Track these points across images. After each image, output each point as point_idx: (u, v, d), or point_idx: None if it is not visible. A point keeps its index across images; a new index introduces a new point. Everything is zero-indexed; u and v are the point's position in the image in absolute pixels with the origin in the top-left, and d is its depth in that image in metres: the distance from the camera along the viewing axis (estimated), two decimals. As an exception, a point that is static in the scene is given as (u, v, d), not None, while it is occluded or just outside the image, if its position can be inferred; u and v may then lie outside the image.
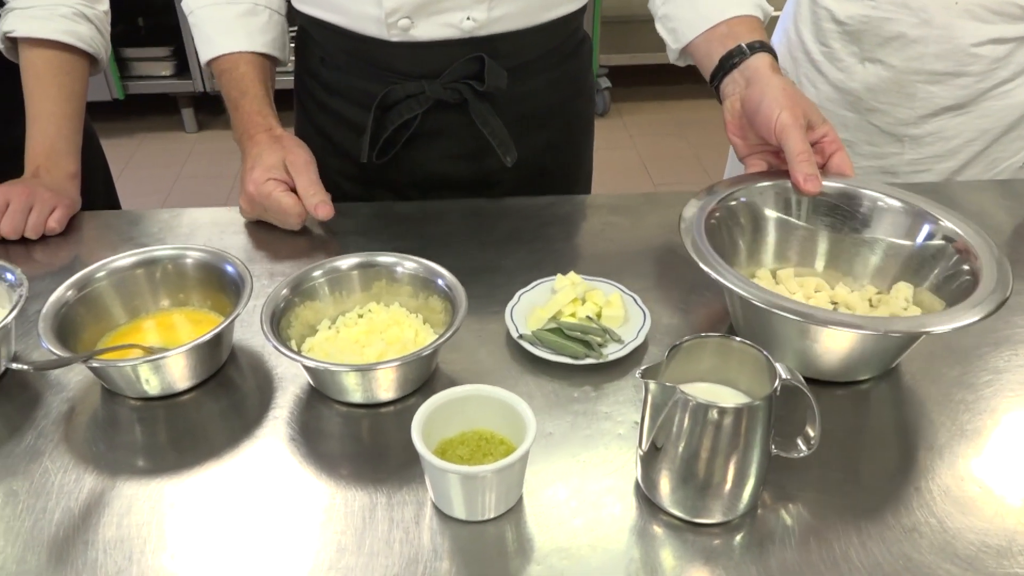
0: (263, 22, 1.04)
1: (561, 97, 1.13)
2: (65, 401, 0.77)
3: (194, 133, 3.35)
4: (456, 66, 1.00)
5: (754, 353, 0.64)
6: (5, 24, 1.04)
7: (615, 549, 0.64)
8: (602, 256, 0.97)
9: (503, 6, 0.98)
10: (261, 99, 1.01)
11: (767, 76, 0.92)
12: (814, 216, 0.86)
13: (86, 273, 0.80)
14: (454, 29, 0.98)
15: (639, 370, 0.63)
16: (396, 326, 0.81)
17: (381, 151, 1.05)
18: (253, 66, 1.03)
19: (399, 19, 0.97)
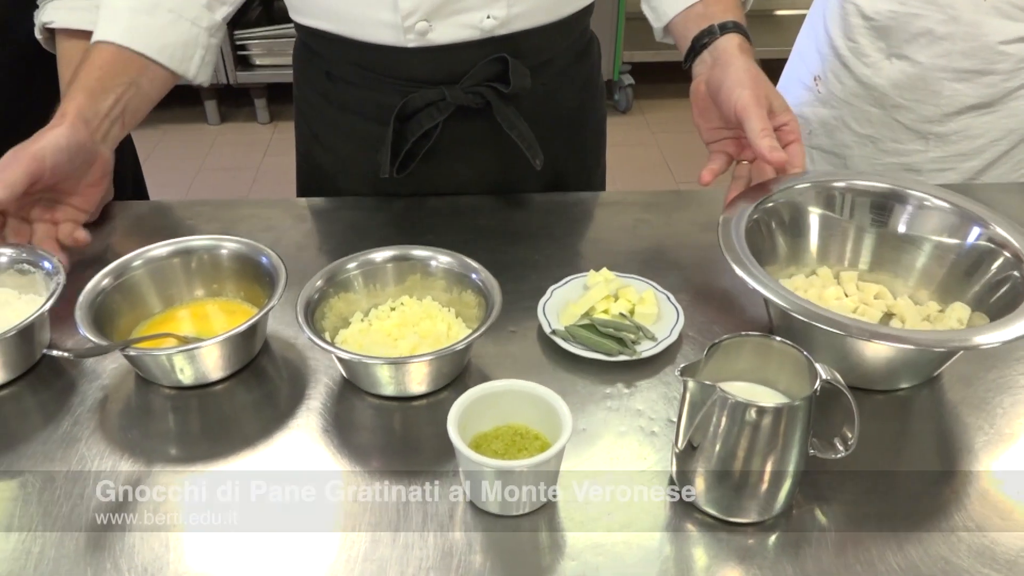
0: (158, 25, 0.95)
1: (578, 98, 1.11)
2: (100, 389, 0.78)
3: (216, 125, 3.36)
4: (477, 68, 0.96)
5: (794, 353, 0.63)
6: (44, 15, 1.04)
7: (649, 546, 0.64)
8: (634, 253, 0.97)
9: (524, 2, 0.95)
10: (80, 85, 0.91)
11: (733, 56, 0.91)
12: (858, 215, 0.85)
13: (123, 261, 0.81)
14: (474, 29, 0.94)
15: (678, 368, 0.63)
16: (429, 320, 0.81)
17: (401, 165, 1.00)
18: (111, 61, 0.93)
19: (416, 22, 0.92)
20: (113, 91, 0.92)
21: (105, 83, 0.92)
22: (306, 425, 0.74)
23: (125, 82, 0.93)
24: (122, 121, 0.95)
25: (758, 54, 3.65)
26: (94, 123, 0.90)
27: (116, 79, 0.93)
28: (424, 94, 0.97)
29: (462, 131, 1.01)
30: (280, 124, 3.36)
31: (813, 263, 0.86)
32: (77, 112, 0.88)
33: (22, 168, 0.83)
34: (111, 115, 0.93)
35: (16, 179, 0.82)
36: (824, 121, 1.30)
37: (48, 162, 0.85)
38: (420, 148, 0.99)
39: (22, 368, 0.78)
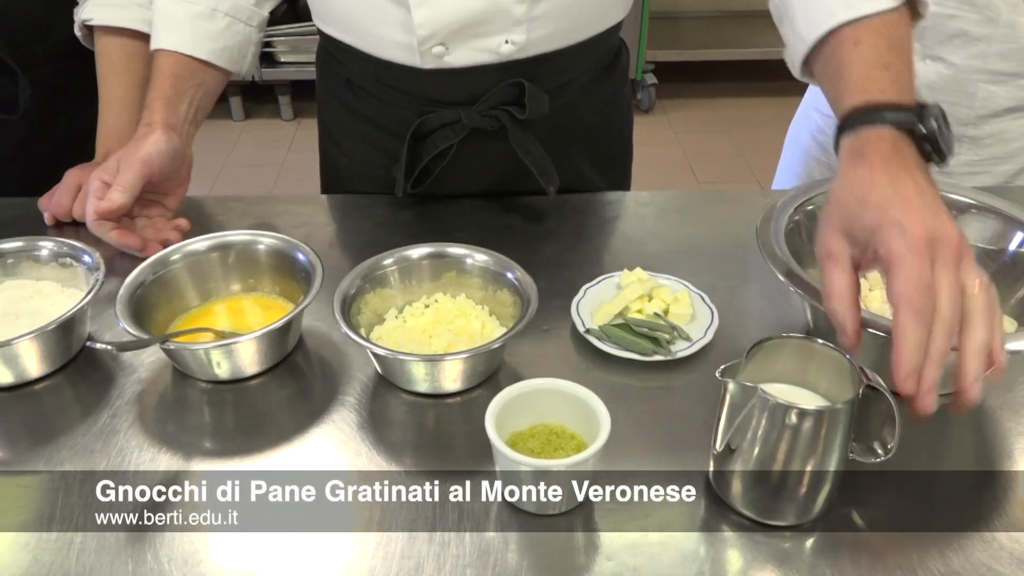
0: (217, 29, 0.99)
1: (602, 112, 1.08)
2: (137, 382, 0.79)
3: (241, 121, 3.39)
4: (494, 92, 0.93)
5: (836, 356, 0.63)
6: (84, 12, 1.06)
7: (685, 548, 0.64)
8: (666, 253, 0.96)
9: (544, 27, 0.91)
10: (157, 95, 0.96)
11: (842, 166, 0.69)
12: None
13: (162, 255, 0.82)
14: (491, 54, 0.91)
15: (715, 368, 0.62)
16: (463, 317, 0.81)
17: (415, 181, 0.99)
18: (179, 67, 0.98)
19: (433, 46, 0.90)
20: (186, 96, 0.98)
21: (179, 89, 0.98)
22: (341, 421, 0.75)
23: (195, 84, 0.99)
24: (196, 120, 1.01)
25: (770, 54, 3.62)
26: (178, 127, 0.97)
27: (187, 83, 0.98)
28: (440, 115, 0.96)
29: (477, 151, 0.99)
30: (304, 121, 3.37)
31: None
32: (163, 120, 0.95)
33: (136, 172, 0.90)
34: (188, 117, 0.99)
35: (134, 182, 0.90)
36: (856, 122, 1.29)
37: (155, 165, 0.92)
38: (435, 166, 0.99)
39: (61, 361, 0.79)
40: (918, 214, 0.61)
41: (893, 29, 0.72)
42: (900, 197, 0.62)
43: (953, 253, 0.60)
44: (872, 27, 0.72)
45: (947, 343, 0.59)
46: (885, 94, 0.68)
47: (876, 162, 0.65)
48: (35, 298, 0.82)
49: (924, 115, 0.67)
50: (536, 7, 0.89)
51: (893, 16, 0.73)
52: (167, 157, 0.93)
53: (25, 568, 0.62)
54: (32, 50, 1.10)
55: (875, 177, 0.64)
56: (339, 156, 1.11)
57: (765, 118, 3.28)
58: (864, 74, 0.71)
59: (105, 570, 0.62)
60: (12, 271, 0.84)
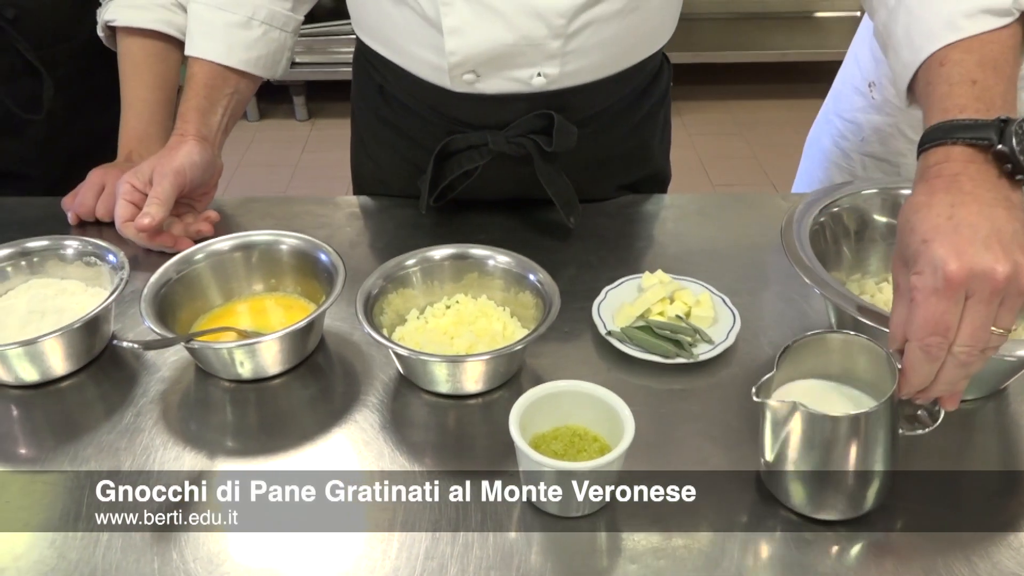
0: (253, 38, 1.00)
1: (634, 137, 1.05)
2: (161, 381, 0.79)
3: (255, 121, 3.39)
4: (522, 121, 0.92)
5: (865, 344, 0.63)
6: (107, 13, 1.07)
7: (709, 551, 0.64)
8: (687, 255, 0.96)
9: (577, 60, 0.89)
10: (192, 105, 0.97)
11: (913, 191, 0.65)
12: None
13: (186, 255, 0.82)
14: (522, 84, 0.90)
15: (754, 388, 0.62)
16: (484, 318, 0.81)
17: (438, 196, 0.99)
18: (213, 76, 0.99)
19: (463, 73, 0.89)
20: (220, 104, 1.00)
21: (212, 99, 0.99)
22: (363, 421, 0.75)
23: (228, 93, 1.01)
24: (227, 129, 1.02)
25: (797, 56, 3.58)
26: (211, 138, 0.98)
27: (220, 92, 1.00)
28: (467, 137, 0.95)
29: (502, 173, 0.97)
30: (318, 121, 3.38)
31: (879, 270, 0.85)
32: (196, 132, 0.96)
33: (170, 183, 0.92)
34: (220, 127, 1.00)
35: (170, 195, 0.92)
36: (877, 128, 1.28)
37: (188, 176, 0.94)
38: (459, 183, 0.98)
39: (86, 359, 0.79)
40: (961, 248, 0.58)
41: (989, 44, 0.68)
42: (950, 227, 0.59)
43: (991, 289, 0.57)
44: (965, 44, 0.68)
45: (956, 374, 0.60)
46: (964, 111, 0.64)
47: (938, 186, 0.62)
48: (60, 297, 0.82)
49: (1006, 131, 0.61)
50: (571, 42, 0.87)
51: (994, 33, 0.68)
52: (200, 168, 0.95)
53: (52, 565, 0.62)
54: (56, 51, 1.11)
55: (932, 202, 0.61)
56: (367, 160, 1.12)
57: (780, 120, 3.27)
58: (947, 92, 0.67)
59: (131, 568, 0.62)
60: (38, 269, 0.84)
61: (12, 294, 0.83)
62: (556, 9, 0.84)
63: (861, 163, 1.27)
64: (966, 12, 0.68)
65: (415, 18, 0.88)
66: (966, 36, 0.68)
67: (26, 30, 1.08)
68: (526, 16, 0.84)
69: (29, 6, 1.07)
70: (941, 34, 0.69)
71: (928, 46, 0.70)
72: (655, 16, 0.93)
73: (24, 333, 0.77)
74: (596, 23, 0.87)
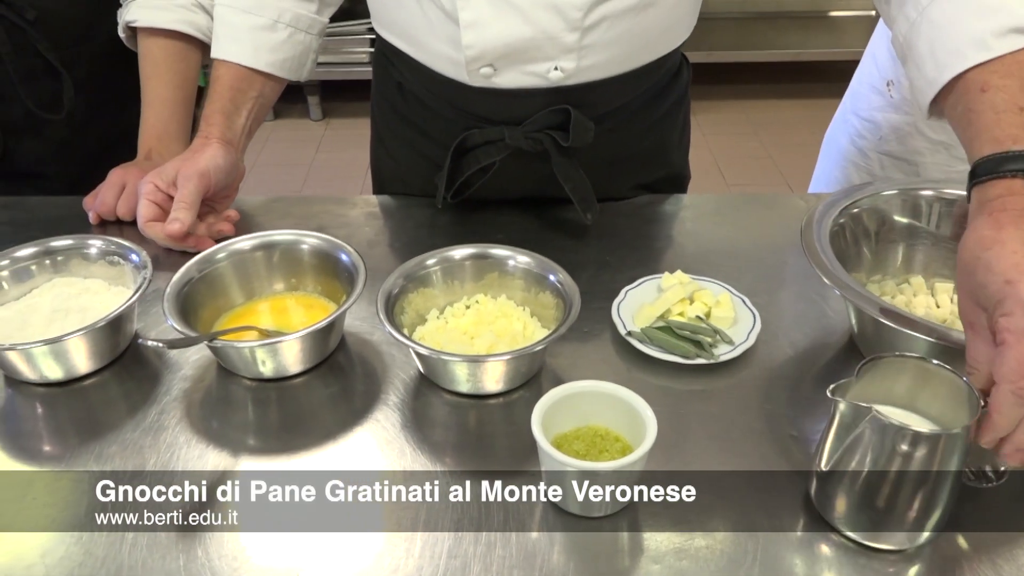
0: (278, 40, 1.00)
1: (653, 136, 1.06)
2: (183, 379, 0.80)
3: (270, 121, 3.41)
4: (539, 116, 0.92)
5: (952, 378, 0.61)
6: (128, 14, 1.08)
7: (732, 552, 0.64)
8: (706, 255, 0.96)
9: (594, 55, 0.89)
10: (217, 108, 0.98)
11: (972, 220, 0.64)
12: (946, 225, 0.83)
13: (208, 254, 0.83)
14: (539, 79, 0.90)
15: (830, 387, 0.60)
16: (504, 318, 0.81)
17: (455, 193, 0.99)
18: (239, 79, 0.99)
19: (481, 67, 0.90)
20: (244, 107, 1.00)
21: (237, 102, 0.99)
22: (385, 420, 0.75)
23: (253, 97, 1.01)
24: (251, 132, 1.02)
25: (813, 55, 3.58)
26: (235, 142, 0.99)
27: (245, 96, 1.00)
28: (484, 132, 0.95)
29: (519, 168, 0.98)
30: (332, 121, 3.39)
31: (899, 272, 0.85)
32: (220, 135, 0.97)
33: (195, 185, 0.92)
34: (244, 130, 1.01)
35: (195, 198, 0.93)
36: (896, 127, 1.27)
37: (212, 179, 0.95)
38: (476, 180, 0.98)
39: (109, 358, 0.80)
40: None
41: None
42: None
43: None
44: (1003, 68, 0.67)
45: None
46: (1018, 142, 0.63)
47: (1005, 221, 0.60)
48: (83, 296, 0.83)
49: None
50: (588, 36, 0.87)
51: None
52: (223, 172, 0.96)
53: (79, 562, 0.63)
54: (76, 51, 1.12)
55: (1003, 238, 0.60)
56: (386, 158, 1.12)
57: (795, 120, 3.26)
58: (994, 120, 0.65)
59: (156, 564, 0.63)
60: (62, 268, 0.85)
61: (36, 292, 0.84)
62: (572, 2, 0.84)
63: (879, 162, 1.27)
64: (995, 31, 0.67)
65: (433, 12, 0.89)
66: (995, 56, 0.67)
67: (47, 31, 1.09)
68: (543, 9, 0.85)
69: (50, 7, 1.08)
70: (969, 53, 0.68)
71: (956, 64, 0.69)
72: (671, 12, 0.92)
73: (49, 332, 0.77)
74: (612, 17, 0.87)
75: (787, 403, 0.76)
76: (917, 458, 0.58)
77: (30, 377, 0.77)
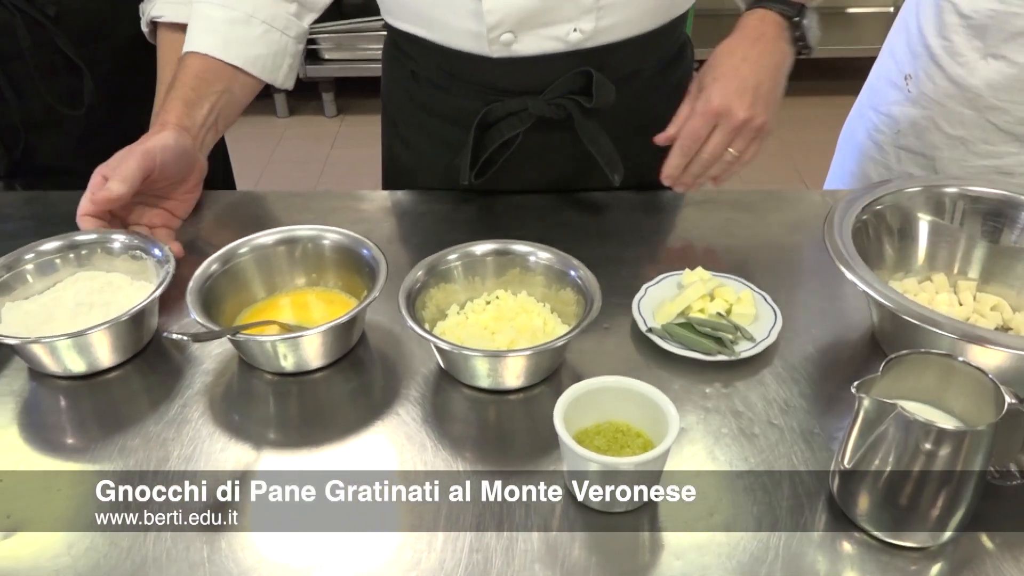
0: (252, 35, 0.98)
1: (668, 106, 1.05)
2: (205, 373, 0.80)
3: (285, 118, 3.42)
4: (561, 81, 0.94)
5: (977, 375, 0.61)
6: (154, 9, 1.08)
7: (754, 549, 0.63)
8: (725, 252, 0.96)
9: (612, 15, 0.92)
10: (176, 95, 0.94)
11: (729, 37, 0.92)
12: (970, 223, 0.83)
13: (230, 248, 0.83)
14: (559, 42, 0.92)
15: (854, 384, 0.60)
16: (525, 314, 0.81)
17: (480, 171, 0.99)
18: (206, 69, 0.96)
19: (501, 34, 0.90)
20: (208, 100, 0.96)
21: (200, 93, 0.95)
22: (405, 415, 0.75)
23: (218, 90, 0.97)
24: (215, 128, 0.98)
25: (830, 52, 3.58)
26: (192, 131, 0.94)
27: (210, 88, 0.96)
28: (506, 104, 0.96)
29: (543, 139, 0.99)
30: (347, 118, 3.40)
31: (921, 269, 0.84)
32: (177, 121, 0.92)
33: (136, 163, 0.86)
34: (206, 123, 0.96)
35: (133, 174, 0.85)
36: (913, 121, 1.27)
37: (158, 159, 0.88)
38: (500, 155, 0.98)
39: (132, 351, 0.81)
40: (730, 89, 0.88)
41: None
42: (731, 74, 0.88)
43: (732, 125, 0.88)
44: None
45: (700, 171, 0.91)
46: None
47: (746, 38, 0.89)
48: (106, 290, 0.84)
49: (803, 13, 0.90)
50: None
51: None
52: (172, 153, 0.89)
53: (104, 552, 0.63)
54: (96, 47, 1.13)
55: (734, 50, 0.90)
56: (402, 149, 1.12)
57: (810, 117, 3.24)
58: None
59: (180, 556, 0.63)
60: (85, 262, 0.86)
61: (60, 287, 0.85)
62: None
63: (896, 156, 1.26)
64: None
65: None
66: None
67: (67, 27, 1.09)
68: None
69: (70, 4, 1.09)
70: None
71: None
72: None
73: (73, 325, 0.78)
74: None
75: (809, 400, 0.76)
76: (942, 456, 0.58)
77: (54, 370, 0.78)
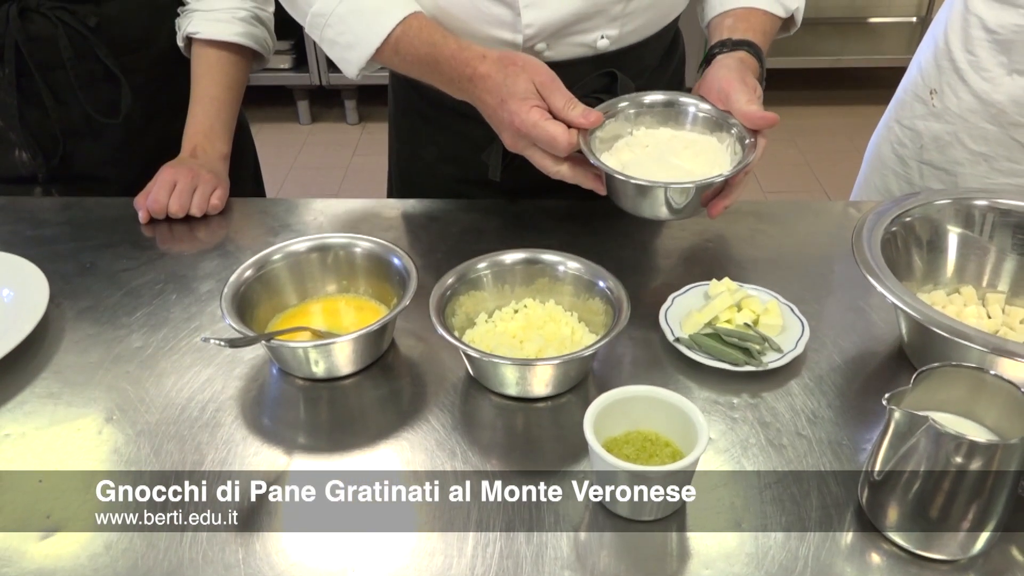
0: None
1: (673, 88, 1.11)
2: (239, 377, 0.81)
3: (307, 125, 3.45)
4: (586, 81, 0.97)
5: (1009, 388, 0.61)
6: (190, 26, 1.11)
7: (783, 559, 0.64)
8: (752, 262, 0.96)
9: (633, 21, 0.98)
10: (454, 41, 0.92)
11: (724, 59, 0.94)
12: (999, 235, 0.83)
13: (264, 255, 0.85)
14: (587, 48, 0.97)
15: (885, 396, 0.61)
16: (553, 323, 0.82)
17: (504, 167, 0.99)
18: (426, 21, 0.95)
19: (535, 44, 0.95)
20: None
21: None
22: (435, 421, 0.76)
23: None
24: None
25: (850, 62, 3.58)
26: None
27: None
28: None
29: None
30: (369, 125, 3.42)
31: (950, 282, 0.84)
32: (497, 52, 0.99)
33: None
34: None
35: None
36: (937, 136, 1.26)
37: None
38: None
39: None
40: None
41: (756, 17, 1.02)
42: None
43: None
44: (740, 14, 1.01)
45: None
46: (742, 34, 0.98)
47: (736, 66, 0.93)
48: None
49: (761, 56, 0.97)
50: (630, 4, 0.95)
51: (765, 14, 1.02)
52: None
53: (142, 552, 0.65)
54: (134, 58, 1.15)
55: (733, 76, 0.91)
56: (414, 154, 1.14)
57: (833, 127, 3.24)
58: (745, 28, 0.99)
59: (216, 558, 0.64)
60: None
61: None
62: None
63: (919, 171, 1.26)
64: None
65: (485, 2, 0.93)
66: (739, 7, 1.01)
67: (107, 37, 1.12)
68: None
69: (111, 14, 1.11)
70: None
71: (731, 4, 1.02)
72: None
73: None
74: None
75: (836, 411, 0.76)
76: (973, 468, 0.58)
77: (92, 373, 0.79)
